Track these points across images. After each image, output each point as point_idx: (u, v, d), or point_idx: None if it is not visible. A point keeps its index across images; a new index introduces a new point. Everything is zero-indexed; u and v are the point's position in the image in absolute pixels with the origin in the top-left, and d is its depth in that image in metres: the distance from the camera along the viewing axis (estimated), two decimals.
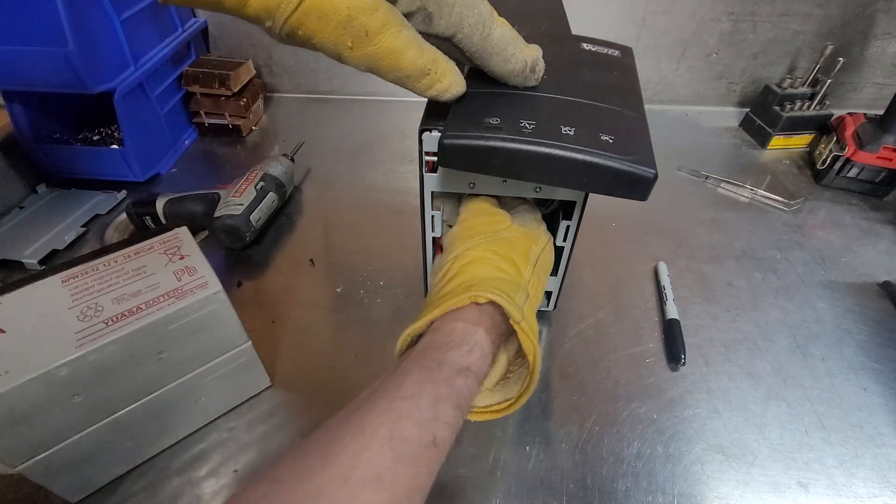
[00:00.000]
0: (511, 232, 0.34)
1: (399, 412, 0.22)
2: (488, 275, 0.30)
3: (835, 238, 0.57)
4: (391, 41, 0.24)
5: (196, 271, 0.34)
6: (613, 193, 0.29)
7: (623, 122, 0.30)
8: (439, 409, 0.23)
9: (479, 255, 0.32)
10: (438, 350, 0.26)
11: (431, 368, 0.25)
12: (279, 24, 0.23)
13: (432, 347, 0.26)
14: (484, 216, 0.35)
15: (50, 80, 0.52)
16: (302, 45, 0.25)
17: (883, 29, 0.72)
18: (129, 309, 0.31)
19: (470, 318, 0.28)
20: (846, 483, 0.36)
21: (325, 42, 0.24)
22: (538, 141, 0.28)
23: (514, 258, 0.32)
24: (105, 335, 0.29)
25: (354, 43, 0.24)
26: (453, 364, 0.25)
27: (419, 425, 0.22)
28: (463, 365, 0.26)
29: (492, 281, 0.29)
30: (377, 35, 0.24)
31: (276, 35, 0.24)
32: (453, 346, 0.26)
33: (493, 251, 0.32)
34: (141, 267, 0.34)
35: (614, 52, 0.38)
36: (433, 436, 0.23)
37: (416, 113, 0.33)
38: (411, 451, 0.22)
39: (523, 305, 0.29)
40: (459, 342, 0.26)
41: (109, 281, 0.33)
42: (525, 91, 0.32)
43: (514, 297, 0.28)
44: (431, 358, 0.26)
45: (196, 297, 0.32)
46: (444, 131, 0.29)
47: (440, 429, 0.23)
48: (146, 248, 0.35)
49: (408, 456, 0.21)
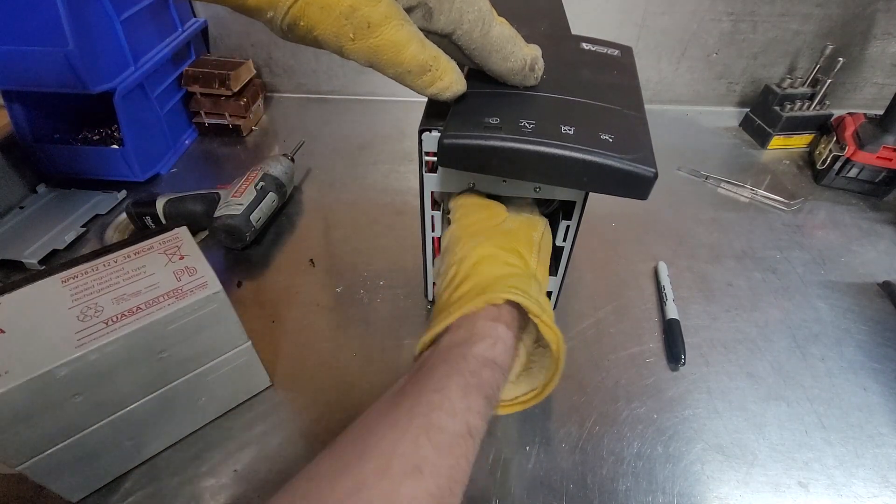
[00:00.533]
0: (510, 222, 0.34)
1: (431, 404, 0.22)
2: (499, 272, 0.30)
3: (835, 238, 0.57)
4: (393, 34, 0.24)
5: (196, 271, 0.34)
6: (614, 192, 0.29)
7: (623, 121, 0.30)
8: (470, 400, 0.23)
9: (486, 252, 0.31)
10: (462, 346, 0.26)
11: (457, 362, 0.25)
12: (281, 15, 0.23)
13: (455, 344, 0.26)
14: (481, 211, 0.35)
15: (50, 80, 0.52)
16: (303, 38, 0.25)
17: (883, 29, 0.72)
18: (129, 309, 0.31)
19: (489, 315, 0.28)
20: (846, 483, 0.36)
21: (327, 33, 0.24)
22: (538, 140, 0.28)
23: (518, 249, 0.32)
24: (105, 335, 0.29)
25: (356, 35, 0.24)
26: (478, 356, 0.25)
27: (452, 416, 0.22)
28: (488, 357, 0.26)
29: (504, 279, 0.29)
30: (379, 27, 0.24)
31: (278, 27, 0.24)
32: (477, 340, 0.26)
33: (498, 246, 0.32)
34: (141, 267, 0.34)
35: (614, 52, 0.38)
36: (467, 426, 0.23)
37: (416, 113, 0.33)
38: (448, 442, 0.22)
39: (539, 297, 0.29)
40: (482, 336, 0.26)
41: (109, 281, 0.33)
42: (524, 91, 0.32)
43: (529, 291, 0.28)
44: (456, 353, 0.26)
45: (196, 297, 0.32)
46: (444, 131, 0.29)
47: (473, 418, 0.23)
48: (146, 248, 0.35)
49: (445, 446, 0.21)
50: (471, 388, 0.24)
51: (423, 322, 0.47)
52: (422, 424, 0.21)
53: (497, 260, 0.31)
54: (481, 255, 0.31)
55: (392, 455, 0.20)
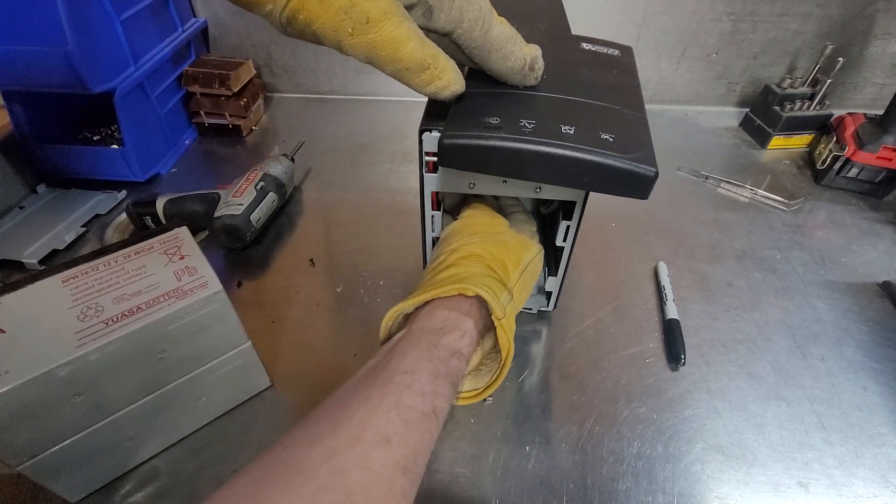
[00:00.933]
0: (508, 236, 0.36)
1: (402, 384, 0.24)
2: (479, 271, 0.32)
3: (834, 238, 0.57)
4: (392, 30, 0.24)
5: (196, 271, 0.34)
6: (614, 192, 0.29)
7: (623, 121, 0.30)
8: (438, 384, 0.25)
9: (475, 251, 0.34)
10: (435, 334, 0.28)
11: (429, 349, 0.27)
12: (280, 8, 0.23)
13: (428, 331, 0.28)
14: (486, 217, 0.38)
15: (50, 80, 0.52)
16: (301, 32, 0.25)
17: (883, 29, 0.72)
18: (130, 309, 0.31)
19: (461, 308, 0.30)
20: (846, 483, 0.36)
21: (326, 27, 0.24)
22: (538, 140, 0.28)
23: (505, 261, 0.34)
24: (105, 335, 0.29)
25: (355, 30, 0.24)
26: (448, 346, 0.28)
27: (421, 396, 0.24)
28: (456, 348, 0.28)
29: (482, 277, 0.31)
30: (378, 23, 0.24)
31: (276, 20, 0.24)
32: (448, 330, 0.28)
33: (488, 251, 0.34)
34: (141, 267, 0.34)
35: (614, 52, 0.38)
36: (433, 406, 0.25)
37: (416, 113, 0.33)
38: (415, 418, 0.23)
39: (506, 305, 0.31)
40: (453, 328, 0.29)
41: (109, 281, 0.33)
42: (525, 91, 0.32)
43: (499, 296, 0.30)
44: (428, 340, 0.28)
45: (196, 297, 0.32)
46: (444, 131, 0.29)
47: (439, 401, 0.25)
48: (146, 248, 0.35)
49: (413, 422, 0.23)
50: (440, 374, 0.26)
51: None
52: (392, 402, 0.23)
53: (482, 261, 0.33)
54: (470, 252, 0.34)
55: (364, 427, 0.22)
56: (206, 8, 0.74)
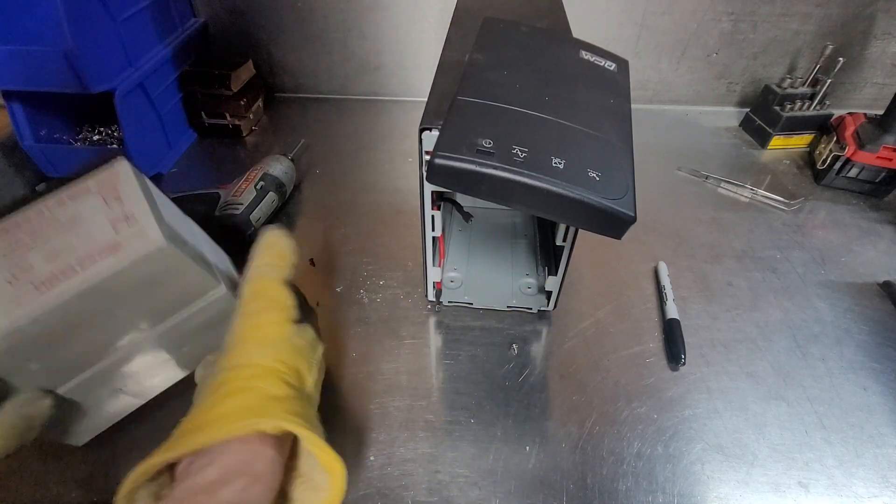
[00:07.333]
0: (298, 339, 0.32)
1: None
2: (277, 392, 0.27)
3: (835, 238, 0.57)
4: None
5: (135, 220, 0.28)
6: (591, 229, 0.30)
7: (612, 156, 0.31)
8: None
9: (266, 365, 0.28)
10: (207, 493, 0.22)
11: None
12: None
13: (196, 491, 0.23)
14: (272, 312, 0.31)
15: (50, 79, 0.52)
16: None
17: (883, 29, 0.72)
18: (62, 270, 0.27)
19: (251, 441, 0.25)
20: (846, 483, 0.36)
21: None
22: (528, 173, 0.28)
23: (299, 368, 0.30)
24: (38, 303, 0.26)
25: None
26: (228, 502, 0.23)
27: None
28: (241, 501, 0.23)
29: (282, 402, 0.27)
30: None
31: None
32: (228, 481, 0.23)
33: (280, 360, 0.29)
34: (75, 214, 0.29)
35: (611, 66, 0.38)
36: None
37: (416, 113, 0.33)
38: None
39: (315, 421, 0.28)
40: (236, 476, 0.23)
41: (40, 232, 0.28)
42: (521, 109, 0.32)
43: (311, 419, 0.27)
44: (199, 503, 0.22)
45: (136, 253, 0.28)
46: (436, 149, 0.29)
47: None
48: (82, 190, 0.30)
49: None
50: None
51: (423, 322, 0.47)
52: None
53: (277, 377, 0.28)
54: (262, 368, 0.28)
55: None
56: (205, 8, 0.74)
